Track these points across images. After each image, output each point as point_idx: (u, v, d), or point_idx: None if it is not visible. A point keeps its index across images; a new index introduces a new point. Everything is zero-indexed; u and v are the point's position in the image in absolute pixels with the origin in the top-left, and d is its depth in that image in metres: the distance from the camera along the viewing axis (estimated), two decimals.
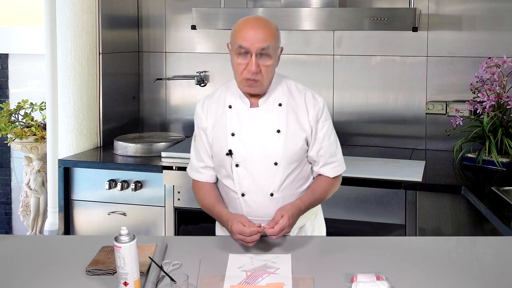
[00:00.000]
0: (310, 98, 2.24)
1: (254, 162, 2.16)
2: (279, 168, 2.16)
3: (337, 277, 1.85)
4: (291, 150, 2.17)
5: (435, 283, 1.82)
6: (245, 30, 2.10)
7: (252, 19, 2.16)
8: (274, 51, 2.13)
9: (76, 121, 3.59)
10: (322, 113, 2.24)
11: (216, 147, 2.22)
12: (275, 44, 2.14)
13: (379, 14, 3.20)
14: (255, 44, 2.08)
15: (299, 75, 3.79)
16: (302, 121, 2.20)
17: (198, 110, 2.28)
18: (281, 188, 2.18)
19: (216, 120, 2.23)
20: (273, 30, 2.14)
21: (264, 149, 2.16)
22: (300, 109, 2.21)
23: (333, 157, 2.25)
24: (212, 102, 2.26)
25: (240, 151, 2.17)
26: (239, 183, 2.18)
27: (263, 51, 2.09)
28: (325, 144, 2.23)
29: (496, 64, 3.28)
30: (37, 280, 1.87)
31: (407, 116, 3.67)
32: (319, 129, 2.22)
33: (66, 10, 3.54)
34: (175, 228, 3.31)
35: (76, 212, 3.44)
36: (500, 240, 2.23)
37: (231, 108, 2.22)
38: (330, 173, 2.25)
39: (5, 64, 4.57)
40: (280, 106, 2.20)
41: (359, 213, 3.05)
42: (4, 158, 4.63)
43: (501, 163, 3.15)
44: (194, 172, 2.30)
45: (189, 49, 3.99)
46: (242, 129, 2.18)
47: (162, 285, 1.81)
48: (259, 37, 2.08)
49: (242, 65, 2.11)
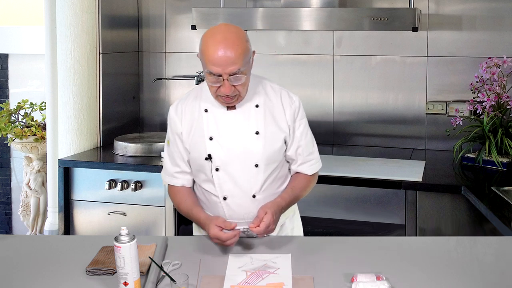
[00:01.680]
0: (286, 98, 2.22)
1: (235, 165, 2.15)
2: (259, 169, 2.15)
3: (337, 277, 1.85)
4: (270, 151, 2.16)
5: (435, 283, 1.82)
6: (214, 54, 2.00)
7: (219, 39, 2.01)
8: (246, 68, 2.05)
9: (76, 121, 3.59)
10: (299, 112, 2.23)
11: (194, 152, 2.18)
12: (246, 59, 2.04)
13: (379, 14, 3.20)
14: (226, 69, 2.00)
15: (299, 75, 3.79)
16: (279, 121, 2.19)
17: (172, 114, 2.22)
18: (263, 189, 2.17)
19: (192, 124, 2.19)
20: (242, 47, 2.02)
21: (243, 151, 2.15)
22: (276, 109, 2.20)
23: (311, 155, 2.26)
24: (186, 105, 2.22)
25: (220, 155, 2.15)
26: (220, 187, 2.16)
27: (235, 74, 2.03)
28: (302, 143, 2.23)
29: (496, 64, 3.28)
30: (37, 280, 1.87)
31: (407, 116, 3.67)
32: (296, 128, 2.22)
33: (66, 10, 3.54)
34: (175, 228, 3.31)
35: (76, 212, 3.43)
36: (500, 240, 2.23)
37: (207, 112, 2.18)
38: (308, 170, 2.26)
39: (5, 64, 4.57)
40: (257, 108, 2.18)
41: (359, 213, 3.05)
42: (4, 158, 4.63)
43: (501, 163, 3.15)
44: (169, 177, 2.27)
45: (189, 49, 3.99)
46: (220, 133, 2.16)
47: (162, 285, 1.81)
48: (229, 62, 1.99)
49: (215, 87, 2.07)
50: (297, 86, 3.74)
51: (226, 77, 2.02)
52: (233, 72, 2.02)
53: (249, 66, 2.09)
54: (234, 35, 2.04)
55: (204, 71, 2.08)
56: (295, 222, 2.38)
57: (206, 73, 2.06)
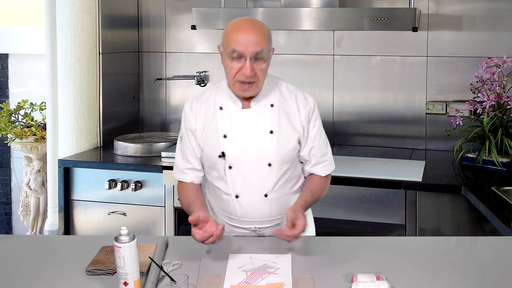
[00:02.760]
0: (301, 98, 2.23)
1: (248, 164, 2.16)
2: (272, 169, 2.16)
3: (337, 277, 1.85)
4: (284, 151, 2.17)
5: (435, 283, 1.82)
6: (239, 33, 2.07)
7: (245, 21, 2.12)
8: (267, 53, 2.11)
9: (76, 121, 3.59)
10: (313, 112, 2.24)
11: (207, 149, 2.20)
12: (269, 46, 2.12)
13: (379, 14, 3.20)
14: (249, 48, 2.05)
15: (299, 75, 3.79)
16: (294, 121, 2.20)
17: (187, 110, 2.25)
18: (275, 188, 2.18)
19: (206, 121, 2.21)
20: (266, 33, 2.11)
21: (257, 150, 2.16)
22: (291, 109, 2.21)
23: (324, 156, 2.27)
24: (201, 103, 2.23)
25: (233, 153, 2.16)
26: (233, 185, 2.18)
27: (257, 55, 2.07)
28: (316, 144, 2.23)
29: (496, 64, 3.28)
30: (37, 280, 1.87)
31: (407, 116, 3.67)
32: (311, 129, 2.23)
33: (66, 10, 3.54)
34: (175, 228, 3.31)
35: (76, 212, 3.44)
36: (500, 240, 2.23)
37: (222, 109, 2.20)
38: (322, 172, 2.26)
39: (5, 64, 4.57)
40: (272, 107, 2.19)
41: (359, 213, 3.05)
42: (4, 158, 4.63)
43: (501, 163, 3.15)
44: (179, 172, 2.28)
45: (189, 49, 3.99)
46: (234, 131, 2.17)
47: (162, 285, 1.81)
48: (253, 40, 2.06)
49: (235, 69, 2.09)
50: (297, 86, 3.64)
51: (248, 56, 2.05)
52: (256, 51, 2.06)
53: (269, 57, 2.14)
54: (260, 23, 2.13)
55: (226, 53, 2.10)
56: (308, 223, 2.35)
57: (227, 57, 2.09)
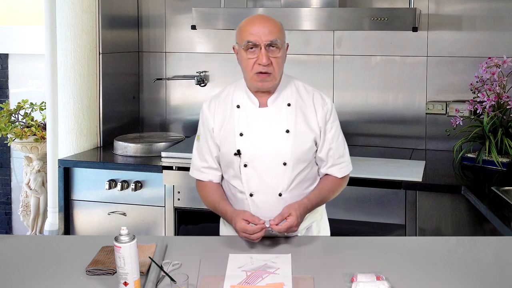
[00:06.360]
0: (318, 99, 2.24)
1: (263, 162, 2.16)
2: (287, 168, 2.16)
3: (337, 277, 1.85)
4: (299, 150, 2.17)
5: (435, 283, 1.82)
6: (252, 26, 2.13)
7: (256, 16, 2.21)
8: (282, 44, 2.15)
9: (76, 121, 3.59)
10: (331, 114, 2.24)
11: (223, 147, 2.21)
12: (282, 37, 2.16)
13: (379, 14, 3.20)
14: (263, 37, 2.10)
15: (299, 75, 3.74)
16: (310, 121, 2.21)
17: (205, 110, 2.27)
18: (290, 188, 2.18)
19: (224, 120, 2.23)
20: (279, 25, 2.17)
21: (273, 149, 2.16)
22: (308, 109, 2.22)
23: (341, 157, 2.27)
24: (219, 102, 2.26)
25: (249, 151, 2.17)
26: (247, 183, 2.18)
27: (271, 44, 2.11)
28: (334, 145, 2.24)
29: (496, 64, 3.28)
30: (37, 280, 1.87)
31: (407, 116, 3.67)
32: (328, 130, 2.23)
33: (66, 10, 3.54)
34: (175, 228, 3.31)
35: (76, 212, 3.44)
36: (500, 240, 2.23)
37: (239, 108, 2.22)
38: (338, 173, 2.26)
39: (5, 64, 4.57)
40: (289, 106, 2.20)
41: (359, 213, 3.05)
42: (4, 158, 4.63)
43: (501, 163, 3.15)
44: (196, 171, 2.30)
45: (189, 49, 3.99)
46: (250, 129, 2.18)
47: (162, 285, 1.81)
48: (266, 30, 2.11)
49: (252, 60, 2.12)
50: None
51: (263, 44, 2.09)
52: (270, 40, 2.10)
53: (284, 50, 2.18)
54: (271, 17, 2.19)
55: (241, 47, 2.14)
56: (322, 226, 2.37)
57: (243, 50, 2.13)
